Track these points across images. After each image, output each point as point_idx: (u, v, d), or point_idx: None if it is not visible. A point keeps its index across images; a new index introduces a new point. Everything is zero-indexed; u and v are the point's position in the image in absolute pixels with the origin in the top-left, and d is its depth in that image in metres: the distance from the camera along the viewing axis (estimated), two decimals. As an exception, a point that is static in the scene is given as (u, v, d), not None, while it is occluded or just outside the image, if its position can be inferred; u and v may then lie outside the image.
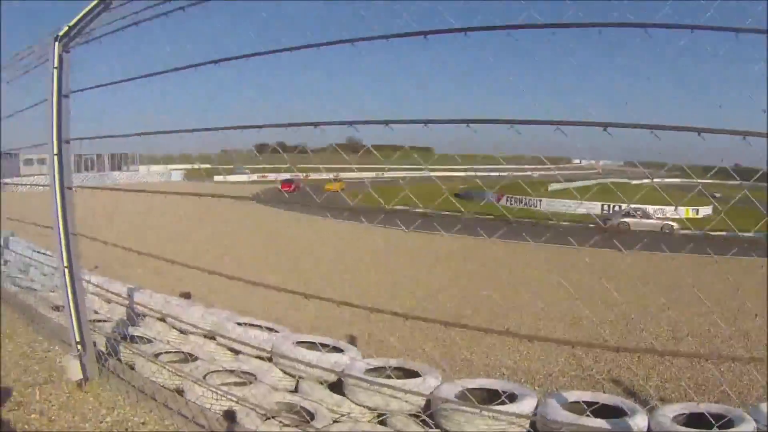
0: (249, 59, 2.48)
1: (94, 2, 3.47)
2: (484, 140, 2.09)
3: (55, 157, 3.29)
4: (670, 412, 2.66)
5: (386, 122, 2.26)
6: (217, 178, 33.10)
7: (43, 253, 6.32)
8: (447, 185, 3.94)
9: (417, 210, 2.83)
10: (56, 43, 3.30)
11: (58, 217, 3.33)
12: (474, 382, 3.09)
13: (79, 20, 3.38)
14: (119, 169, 48.84)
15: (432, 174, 3.65)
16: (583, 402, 2.75)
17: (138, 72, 3.08)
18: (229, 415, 3.11)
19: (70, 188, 3.38)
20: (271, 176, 41.19)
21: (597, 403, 2.71)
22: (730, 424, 2.52)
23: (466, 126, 2.04)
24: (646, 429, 2.56)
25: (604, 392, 3.89)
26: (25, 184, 4.68)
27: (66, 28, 3.31)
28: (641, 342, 8.66)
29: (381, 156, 2.83)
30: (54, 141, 3.27)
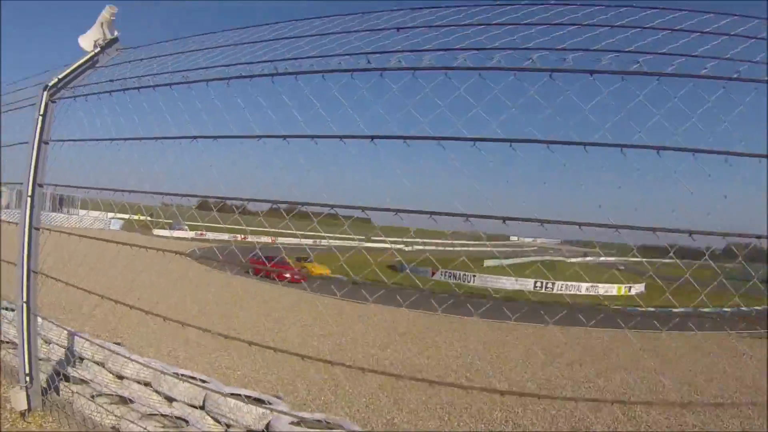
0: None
1: (83, 59, 3.81)
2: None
3: (29, 199, 3.43)
4: None
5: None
6: (157, 231, 31.13)
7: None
8: (381, 256, 4.46)
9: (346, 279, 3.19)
10: (44, 92, 3.53)
11: (23, 254, 3.43)
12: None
13: (68, 74, 3.67)
14: (59, 210, 45.69)
15: (363, 245, 4.11)
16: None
17: (119, 132, 3.38)
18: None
19: (37, 229, 3.51)
20: (209, 235, 39.87)
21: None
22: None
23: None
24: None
25: None
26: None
27: (56, 80, 3.57)
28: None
29: (320, 223, 2.88)
30: (30, 184, 3.42)
